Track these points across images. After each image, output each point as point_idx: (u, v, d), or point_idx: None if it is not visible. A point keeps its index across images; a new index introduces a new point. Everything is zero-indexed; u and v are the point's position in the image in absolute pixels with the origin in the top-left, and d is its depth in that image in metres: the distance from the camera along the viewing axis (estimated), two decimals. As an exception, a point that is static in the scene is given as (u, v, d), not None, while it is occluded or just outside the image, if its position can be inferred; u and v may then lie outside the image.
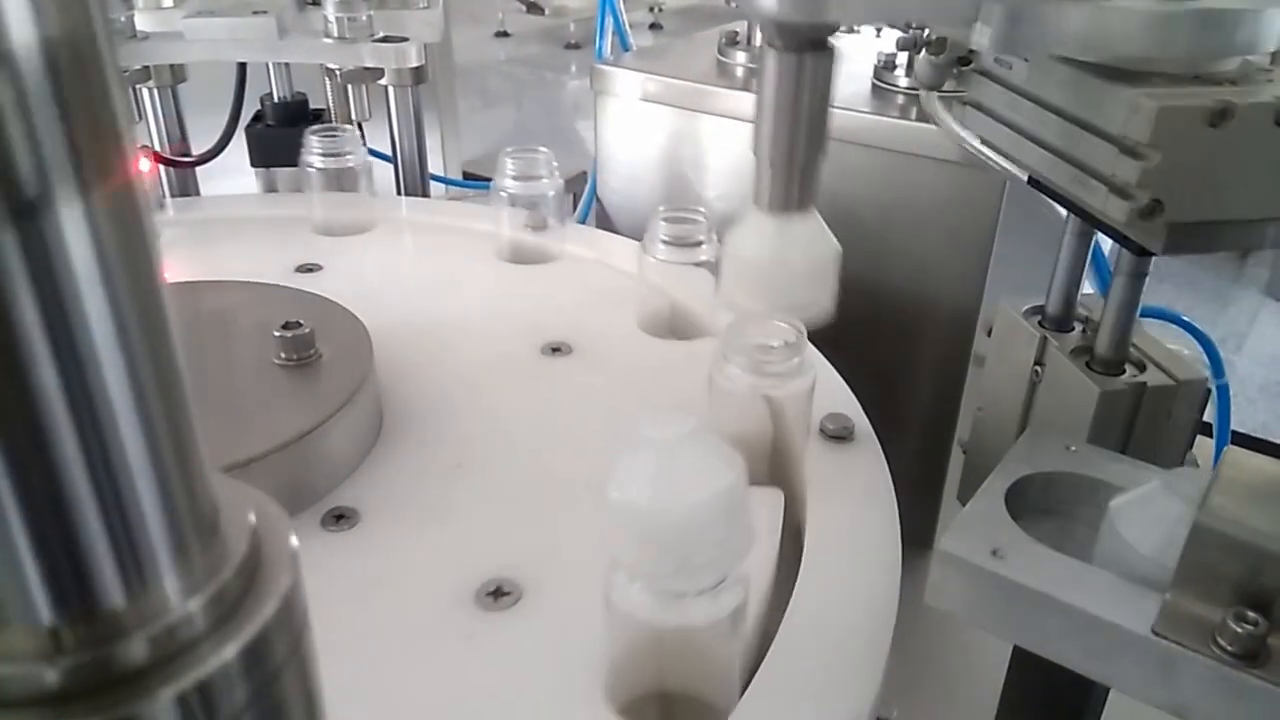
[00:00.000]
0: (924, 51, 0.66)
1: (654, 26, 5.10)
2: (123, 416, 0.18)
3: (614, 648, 0.43)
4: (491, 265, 0.89)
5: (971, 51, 0.62)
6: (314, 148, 0.90)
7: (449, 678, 0.47)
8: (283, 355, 0.62)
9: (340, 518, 0.56)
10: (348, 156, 0.91)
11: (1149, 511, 0.47)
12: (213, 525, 0.21)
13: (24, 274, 0.16)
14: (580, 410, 0.68)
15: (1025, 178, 0.61)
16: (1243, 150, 0.49)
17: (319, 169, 0.90)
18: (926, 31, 0.67)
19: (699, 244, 0.73)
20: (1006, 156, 0.62)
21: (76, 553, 0.18)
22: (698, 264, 0.73)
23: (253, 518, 0.22)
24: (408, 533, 0.56)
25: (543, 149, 0.87)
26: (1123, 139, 0.49)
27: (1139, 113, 0.48)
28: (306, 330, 0.62)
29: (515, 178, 0.86)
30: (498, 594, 0.51)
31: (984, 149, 0.64)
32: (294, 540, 0.22)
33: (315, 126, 0.95)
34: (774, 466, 0.59)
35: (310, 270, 0.86)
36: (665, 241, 0.73)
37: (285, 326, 0.62)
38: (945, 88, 0.69)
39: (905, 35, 0.80)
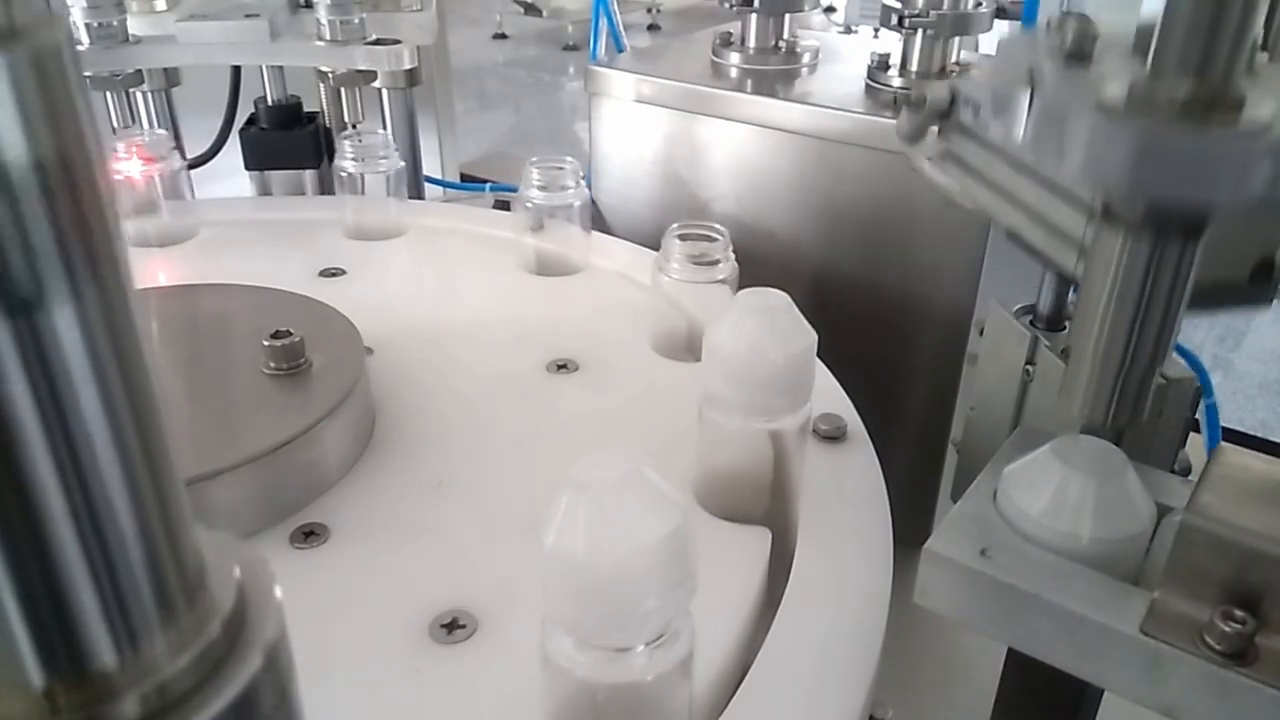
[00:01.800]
0: (904, 108, 0.66)
1: (652, 28, 5.10)
2: (112, 485, 0.18)
3: (551, 703, 0.40)
4: (512, 276, 0.88)
5: (951, 105, 0.63)
6: (347, 152, 0.90)
7: (391, 713, 0.46)
8: (272, 364, 0.61)
9: (310, 534, 0.55)
10: (381, 161, 0.91)
11: (1038, 476, 0.47)
12: (199, 582, 0.21)
13: (18, 363, 0.16)
14: (579, 432, 0.67)
15: (1005, 230, 0.61)
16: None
17: (350, 173, 0.91)
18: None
19: (716, 262, 0.71)
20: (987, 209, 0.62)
21: (68, 616, 0.18)
22: (715, 282, 0.71)
23: (238, 571, 0.22)
24: (374, 555, 0.55)
25: (569, 159, 0.86)
26: (1093, 204, 0.49)
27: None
28: (296, 339, 0.62)
29: (540, 188, 0.85)
30: (452, 627, 0.49)
31: (964, 202, 0.64)
32: (278, 591, 0.22)
33: (348, 131, 0.95)
34: (767, 497, 0.57)
35: (334, 275, 0.87)
36: (681, 260, 0.71)
37: (275, 335, 0.62)
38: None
39: (891, 91, 0.79)
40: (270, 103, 1.13)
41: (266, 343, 0.61)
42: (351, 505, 0.58)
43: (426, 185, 1.23)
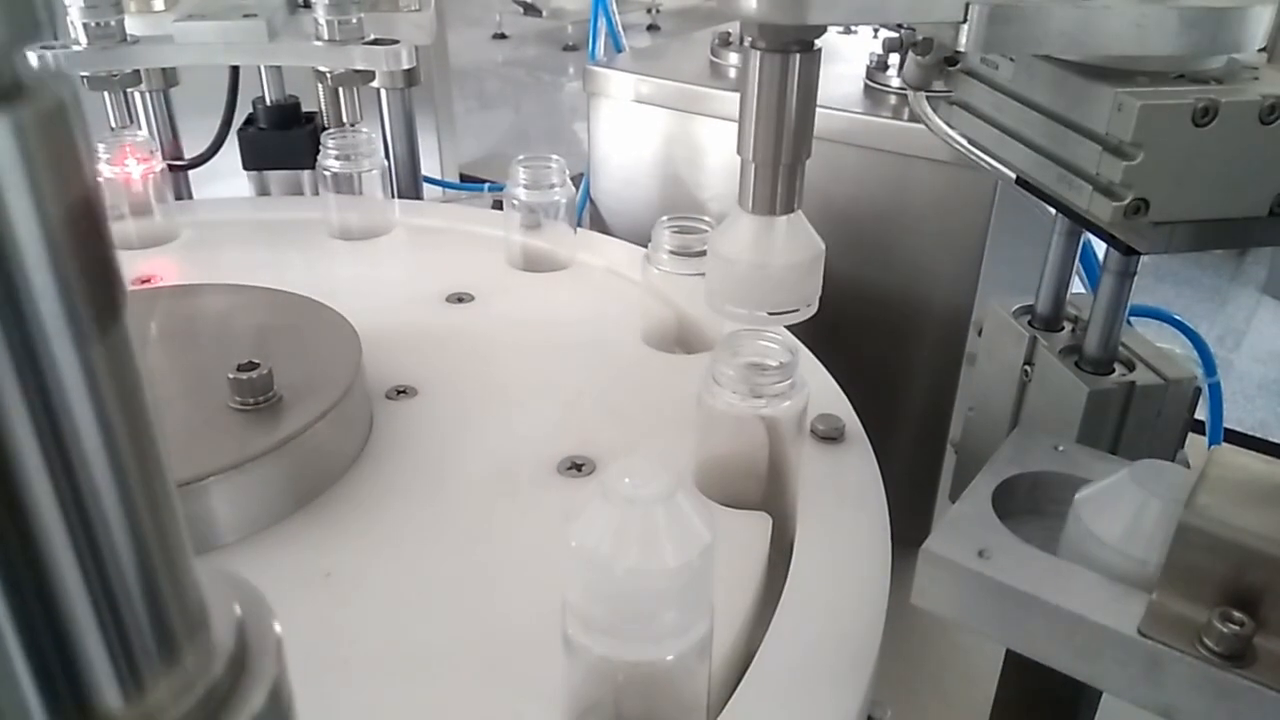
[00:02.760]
0: (911, 52, 0.66)
1: (651, 28, 5.10)
2: (115, 525, 0.18)
3: (571, 679, 0.41)
4: (501, 273, 0.88)
5: (958, 52, 0.62)
6: (330, 150, 0.91)
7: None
8: (237, 399, 0.58)
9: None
10: (364, 159, 0.91)
11: (1114, 502, 0.46)
12: (201, 620, 0.21)
13: (21, 405, 0.16)
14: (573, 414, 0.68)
15: (1014, 177, 0.61)
16: (1227, 148, 0.48)
17: (335, 172, 0.91)
18: (915, 32, 0.67)
19: (704, 253, 0.70)
20: (994, 156, 0.61)
21: (71, 659, 0.18)
22: (704, 274, 0.71)
23: (238, 609, 0.22)
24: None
25: (555, 157, 0.87)
26: (1107, 138, 0.49)
27: (1123, 111, 0.48)
28: (265, 371, 0.58)
29: (527, 186, 0.86)
30: None
31: (972, 149, 0.64)
32: (278, 628, 0.22)
33: (331, 130, 0.95)
34: (765, 484, 0.58)
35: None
36: (670, 251, 0.72)
37: (241, 368, 0.58)
38: (935, 88, 0.69)
39: (894, 35, 0.80)
40: (268, 103, 1.13)
41: (231, 376, 0.57)
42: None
43: (425, 185, 1.23)
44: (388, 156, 1.11)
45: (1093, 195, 0.50)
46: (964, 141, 0.64)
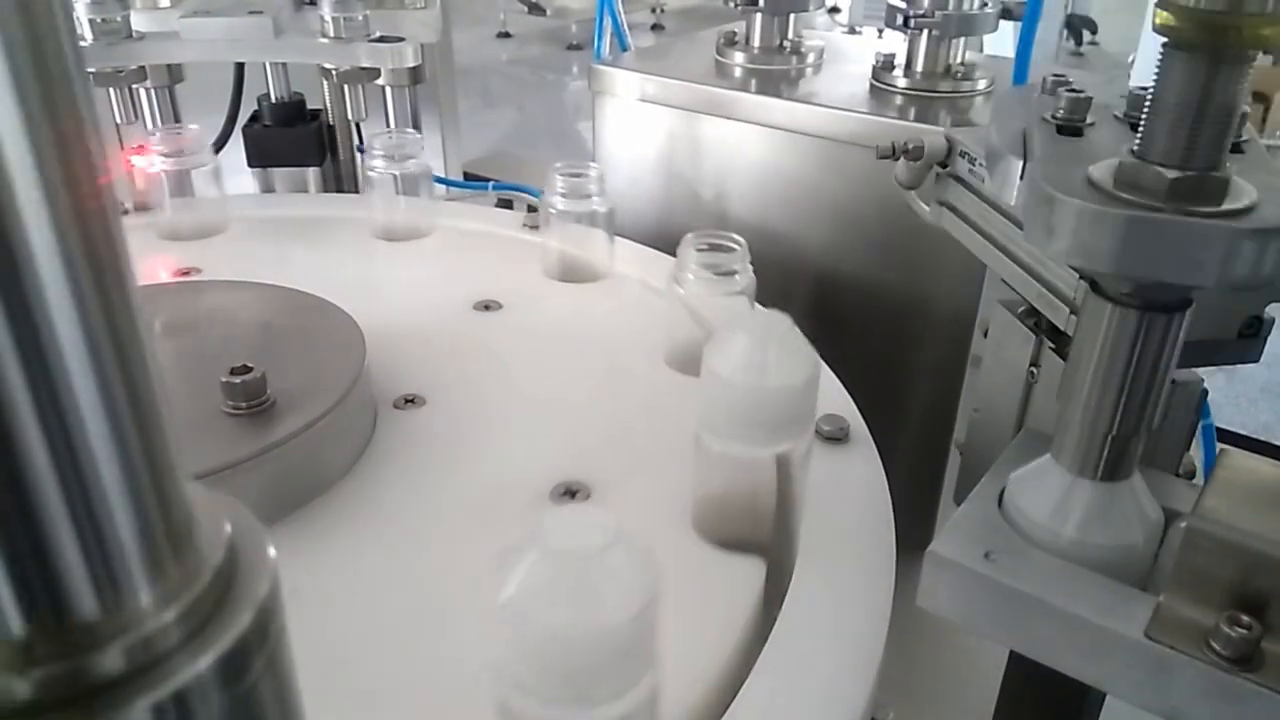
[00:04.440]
0: (903, 158, 0.66)
1: (656, 27, 5.09)
2: (92, 425, 0.18)
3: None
4: (534, 282, 0.86)
5: (948, 155, 0.63)
6: (376, 150, 0.89)
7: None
8: (229, 403, 0.56)
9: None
10: (410, 161, 0.90)
11: (1042, 481, 0.47)
12: (187, 535, 0.20)
13: None
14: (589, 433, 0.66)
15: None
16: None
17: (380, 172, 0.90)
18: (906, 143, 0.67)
19: (733, 273, 0.68)
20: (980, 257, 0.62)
21: (48, 563, 0.18)
22: (734, 295, 0.67)
23: (228, 527, 0.21)
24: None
25: (593, 164, 0.84)
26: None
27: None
28: (258, 376, 0.56)
29: (564, 194, 0.83)
30: None
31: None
32: (271, 550, 0.22)
33: (377, 132, 0.94)
34: (764, 522, 0.54)
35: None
36: (698, 270, 0.68)
37: (234, 371, 0.56)
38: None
39: (886, 147, 0.78)
40: (274, 100, 1.13)
41: (224, 379, 0.56)
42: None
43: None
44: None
45: (1070, 319, 0.51)
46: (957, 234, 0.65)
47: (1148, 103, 0.41)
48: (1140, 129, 0.41)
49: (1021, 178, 0.47)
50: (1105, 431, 0.46)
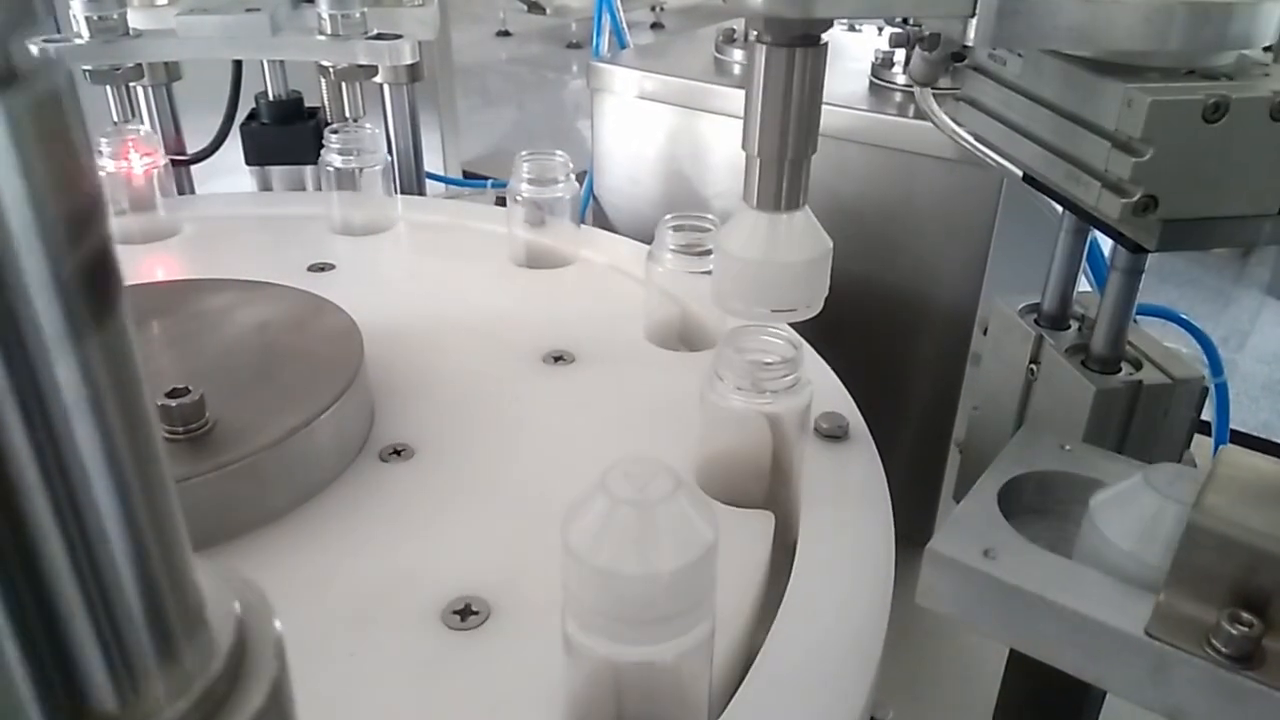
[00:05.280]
0: (917, 48, 0.65)
1: (655, 26, 5.09)
2: (111, 525, 0.18)
3: (572, 682, 0.40)
4: (500, 270, 0.87)
5: (966, 47, 0.62)
6: (333, 145, 0.90)
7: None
8: (165, 426, 0.53)
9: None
10: (368, 155, 0.90)
11: (1129, 507, 0.46)
12: (199, 618, 0.21)
13: (14, 404, 0.16)
14: (576, 420, 0.67)
15: (1020, 174, 0.60)
16: (1238, 145, 0.48)
17: (338, 168, 0.90)
18: (921, 27, 0.66)
19: (708, 252, 0.70)
20: (1001, 153, 0.61)
21: (66, 659, 0.18)
22: (708, 272, 0.69)
23: (237, 606, 0.22)
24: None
25: (559, 153, 0.86)
26: (1116, 134, 0.49)
27: (1133, 107, 0.48)
28: (195, 399, 0.53)
29: (530, 181, 0.85)
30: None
31: (979, 146, 0.63)
32: (278, 625, 0.22)
33: (335, 125, 0.95)
34: (768, 482, 0.58)
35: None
36: (674, 249, 0.71)
37: (171, 394, 0.53)
38: (941, 85, 0.69)
39: (899, 31, 0.79)
40: (271, 98, 1.12)
41: (160, 403, 0.52)
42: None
43: (428, 181, 1.23)
44: (391, 152, 1.10)
45: (1101, 192, 0.50)
46: (970, 138, 0.64)
47: None
48: None
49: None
50: (778, 158, 0.53)
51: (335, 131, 0.91)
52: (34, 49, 0.16)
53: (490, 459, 0.62)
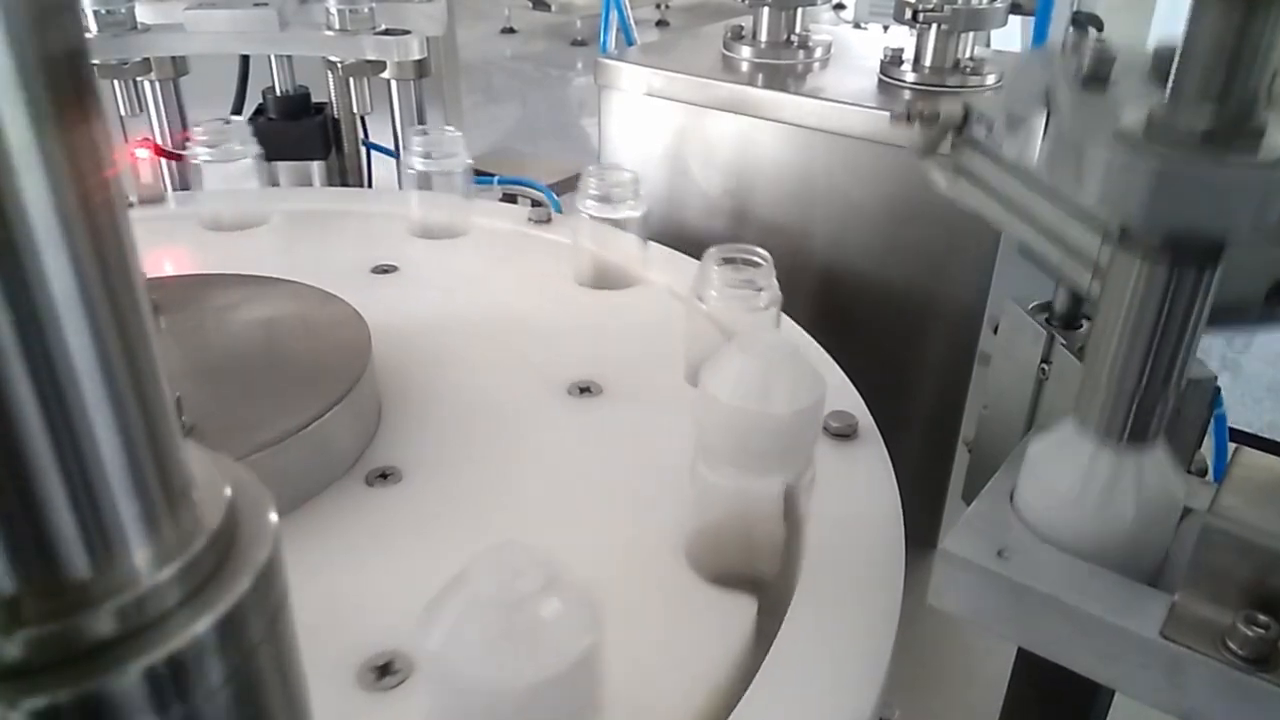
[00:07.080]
0: (918, 123, 0.65)
1: (660, 23, 5.08)
2: (86, 379, 0.17)
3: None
4: (559, 288, 0.83)
5: (964, 121, 0.62)
6: (416, 148, 0.88)
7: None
8: None
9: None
10: (449, 159, 0.89)
11: (1065, 452, 0.46)
12: (184, 495, 0.20)
13: None
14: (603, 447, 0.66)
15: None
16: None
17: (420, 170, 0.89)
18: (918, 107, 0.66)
19: (760, 290, 0.65)
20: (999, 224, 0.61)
21: (38, 520, 0.17)
22: (759, 310, 0.65)
23: (229, 490, 0.21)
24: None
25: (630, 170, 0.81)
26: (1112, 229, 0.48)
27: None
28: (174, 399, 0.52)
29: (596, 199, 0.80)
30: None
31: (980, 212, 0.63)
32: (274, 515, 0.21)
33: (418, 127, 0.93)
34: (757, 557, 0.52)
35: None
36: (721, 285, 0.65)
37: None
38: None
39: (900, 111, 0.77)
40: (278, 93, 1.12)
41: None
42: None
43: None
44: (398, 147, 1.10)
45: (1094, 278, 0.50)
46: (971, 203, 0.64)
47: (1178, 51, 0.39)
48: (1170, 80, 0.40)
49: (1045, 135, 0.46)
50: (1132, 390, 0.44)
51: (418, 134, 0.89)
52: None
53: (477, 494, 0.58)
